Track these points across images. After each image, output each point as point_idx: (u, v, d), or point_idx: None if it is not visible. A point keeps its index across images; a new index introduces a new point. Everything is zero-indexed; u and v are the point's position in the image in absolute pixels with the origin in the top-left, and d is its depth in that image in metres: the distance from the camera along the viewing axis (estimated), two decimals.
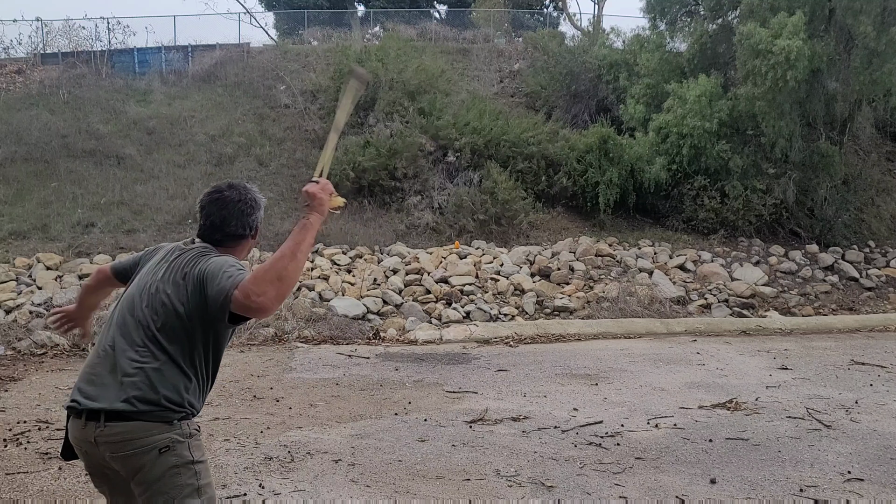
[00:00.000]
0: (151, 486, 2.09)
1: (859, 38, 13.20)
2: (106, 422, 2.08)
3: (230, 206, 2.35)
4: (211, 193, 2.39)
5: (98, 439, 2.09)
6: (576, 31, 23.37)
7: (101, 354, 2.20)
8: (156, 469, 2.08)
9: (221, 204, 2.35)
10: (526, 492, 4.15)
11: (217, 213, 2.34)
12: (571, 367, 7.79)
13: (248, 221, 2.38)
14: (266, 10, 29.29)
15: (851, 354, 8.69)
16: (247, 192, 2.41)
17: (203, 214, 2.37)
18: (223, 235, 2.34)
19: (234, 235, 2.36)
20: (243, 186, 2.42)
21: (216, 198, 2.37)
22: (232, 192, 2.38)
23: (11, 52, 20.25)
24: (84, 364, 2.25)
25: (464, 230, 13.47)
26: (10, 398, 6.26)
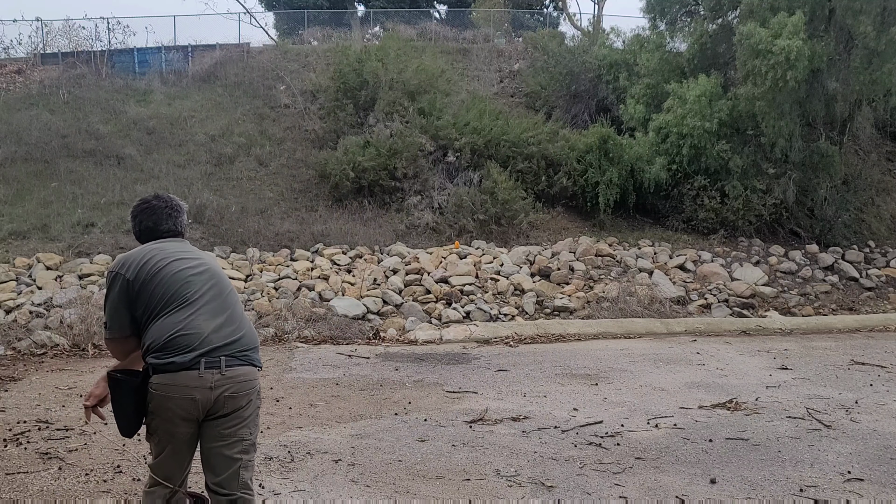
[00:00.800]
0: (243, 420, 2.79)
1: (859, 38, 13.20)
2: (227, 366, 2.73)
3: (178, 210, 3.08)
4: (139, 204, 3.05)
5: (216, 383, 2.70)
6: (576, 31, 23.38)
7: (199, 312, 2.77)
8: (250, 407, 2.82)
9: (168, 211, 3.05)
10: (526, 492, 4.15)
11: (175, 218, 3.05)
12: (571, 367, 7.79)
13: (182, 221, 3.05)
14: (266, 10, 29.31)
15: (851, 354, 8.69)
16: (171, 199, 3.04)
17: (159, 218, 3.01)
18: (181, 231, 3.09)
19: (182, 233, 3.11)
20: (167, 196, 3.07)
21: (161, 205, 3.01)
22: (159, 202, 3.02)
23: (11, 52, 20.28)
24: (179, 331, 2.71)
25: (464, 230, 13.47)
26: (10, 398, 6.26)
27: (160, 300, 2.74)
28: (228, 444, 2.76)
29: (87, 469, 4.40)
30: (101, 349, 8.36)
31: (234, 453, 2.77)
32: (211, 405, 2.71)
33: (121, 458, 4.59)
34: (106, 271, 2.87)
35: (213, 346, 2.72)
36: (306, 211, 13.80)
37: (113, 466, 4.44)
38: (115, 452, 4.72)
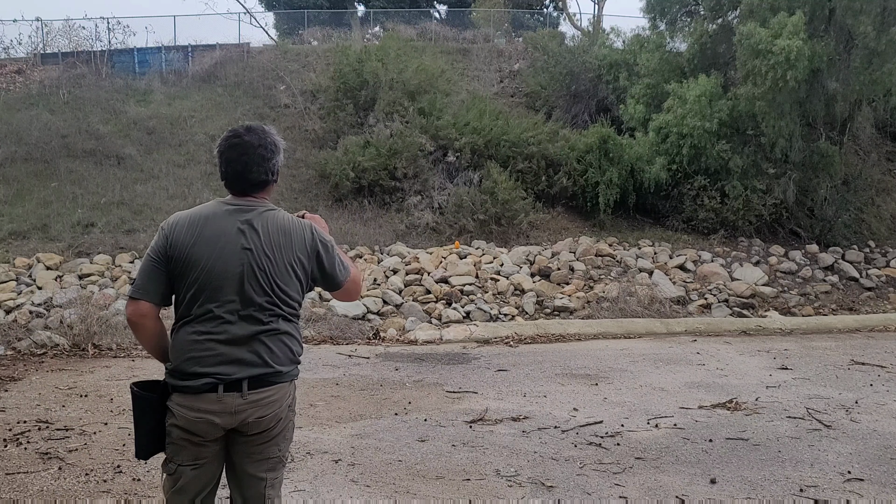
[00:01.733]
0: (272, 439, 2.44)
1: (859, 38, 13.21)
2: (250, 388, 2.33)
3: (250, 152, 2.35)
4: (230, 138, 2.38)
5: (238, 408, 2.32)
6: (576, 31, 23.39)
7: (238, 332, 2.34)
8: (281, 424, 2.45)
9: (241, 150, 2.35)
10: (526, 492, 4.14)
11: (238, 160, 2.35)
12: (571, 367, 7.78)
13: (269, 166, 2.40)
14: (266, 10, 29.33)
15: (851, 354, 8.69)
16: (266, 136, 2.39)
17: (223, 161, 2.38)
18: (248, 185, 2.38)
19: (258, 183, 2.40)
20: (262, 129, 2.41)
21: (235, 143, 2.36)
22: (251, 137, 2.37)
23: (11, 52, 20.30)
24: (199, 343, 2.32)
25: (464, 230, 13.47)
26: (10, 398, 6.26)
27: (189, 290, 2.33)
28: (254, 461, 2.45)
29: (87, 469, 4.40)
30: (102, 349, 8.36)
31: (260, 472, 2.46)
32: (235, 426, 2.37)
33: (121, 458, 4.59)
34: None
35: (233, 365, 2.34)
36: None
37: (113, 466, 4.44)
38: (115, 452, 4.72)
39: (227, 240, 2.32)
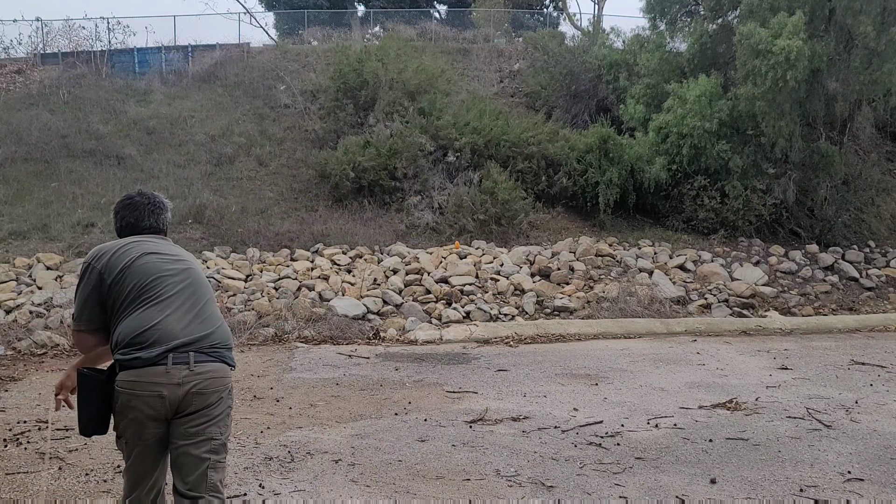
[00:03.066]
0: (212, 419, 2.69)
1: (859, 38, 13.21)
2: (196, 361, 2.65)
3: (162, 207, 3.07)
4: (135, 199, 3.02)
5: (185, 379, 2.62)
6: (576, 31, 23.39)
7: (170, 307, 2.71)
8: (220, 406, 2.72)
9: (151, 208, 3.04)
10: (526, 492, 4.15)
11: (156, 215, 3.03)
12: (571, 367, 7.79)
13: (166, 218, 3.03)
14: (266, 10, 29.32)
15: (851, 354, 8.69)
16: (155, 197, 3.03)
17: (139, 215, 2.99)
18: (164, 229, 3.07)
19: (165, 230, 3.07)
20: (151, 193, 3.07)
21: (143, 202, 3.01)
22: (142, 198, 3.01)
23: (11, 52, 20.30)
24: (147, 327, 2.65)
25: (464, 230, 13.47)
26: (10, 398, 6.26)
27: (131, 294, 2.67)
28: (196, 442, 2.65)
29: (87, 469, 4.41)
30: None
31: (202, 452, 2.65)
32: (179, 402, 2.61)
33: (121, 458, 4.59)
34: (82, 262, 2.88)
35: (182, 342, 2.63)
36: (306, 211, 13.80)
37: (113, 466, 4.44)
38: (115, 452, 4.71)
39: None
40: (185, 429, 2.65)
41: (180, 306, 2.69)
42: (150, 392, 2.58)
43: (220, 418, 2.71)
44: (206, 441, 2.66)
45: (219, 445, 2.70)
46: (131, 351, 2.60)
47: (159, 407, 2.60)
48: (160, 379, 2.59)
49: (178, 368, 2.60)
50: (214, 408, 2.69)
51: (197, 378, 2.63)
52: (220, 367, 2.72)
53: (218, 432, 2.70)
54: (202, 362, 2.65)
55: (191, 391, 2.62)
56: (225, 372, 2.74)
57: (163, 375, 2.59)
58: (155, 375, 2.58)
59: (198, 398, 2.63)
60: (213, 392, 2.67)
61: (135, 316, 2.64)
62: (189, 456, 2.64)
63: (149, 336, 2.61)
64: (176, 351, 2.61)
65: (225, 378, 2.74)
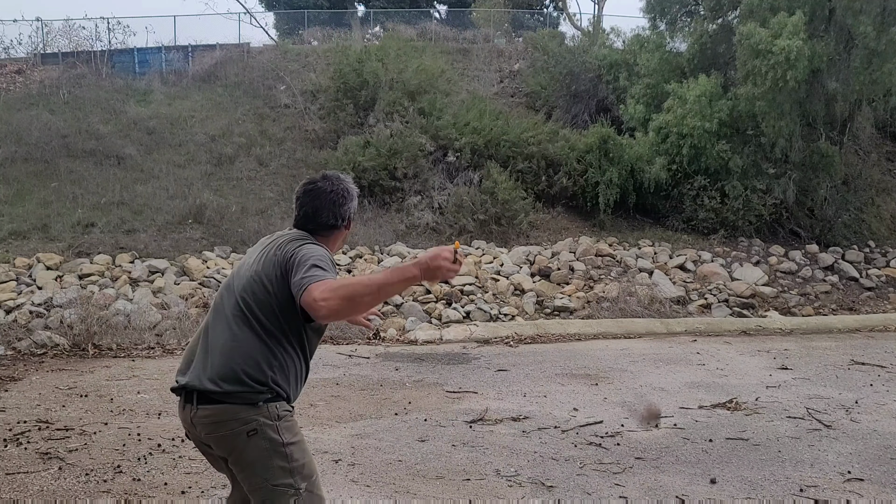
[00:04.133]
0: (245, 468, 2.21)
1: (859, 38, 13.21)
2: (198, 404, 2.19)
3: (322, 197, 2.42)
4: (306, 184, 2.48)
5: (194, 420, 2.22)
6: (576, 31, 23.39)
7: (198, 337, 2.33)
8: (248, 452, 2.18)
9: (315, 194, 2.43)
10: (526, 492, 4.14)
11: (310, 204, 2.42)
12: (571, 367, 7.78)
13: (341, 212, 2.44)
14: (266, 10, 29.31)
15: (851, 354, 8.68)
16: (339, 183, 2.46)
17: (297, 205, 2.46)
18: (315, 225, 2.42)
19: (327, 225, 2.43)
20: (336, 177, 2.49)
21: (310, 189, 2.45)
22: (325, 183, 2.45)
23: (11, 52, 20.28)
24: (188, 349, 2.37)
25: (464, 230, 13.47)
26: (10, 398, 6.26)
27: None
28: (248, 491, 2.28)
29: (87, 469, 4.40)
30: (102, 349, 8.36)
31: (256, 502, 2.27)
32: (207, 446, 2.27)
33: (121, 458, 4.59)
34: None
35: (193, 374, 2.26)
36: None
37: (113, 466, 4.44)
38: (115, 452, 4.72)
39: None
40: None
41: (221, 322, 2.29)
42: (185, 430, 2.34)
43: (252, 467, 2.21)
44: (255, 492, 2.24)
45: (268, 493, 2.20)
46: None
47: (196, 445, 2.37)
48: (183, 416, 2.29)
49: (189, 408, 2.24)
50: (239, 454, 2.21)
51: (202, 422, 2.22)
52: (223, 410, 2.19)
53: (257, 483, 2.21)
54: (206, 404, 2.20)
55: (206, 435, 2.24)
56: (229, 414, 2.18)
57: (181, 412, 2.29)
58: (181, 411, 2.30)
59: (218, 443, 2.24)
60: (221, 438, 2.21)
61: None
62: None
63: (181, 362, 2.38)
64: (186, 388, 2.26)
65: (232, 421, 2.19)
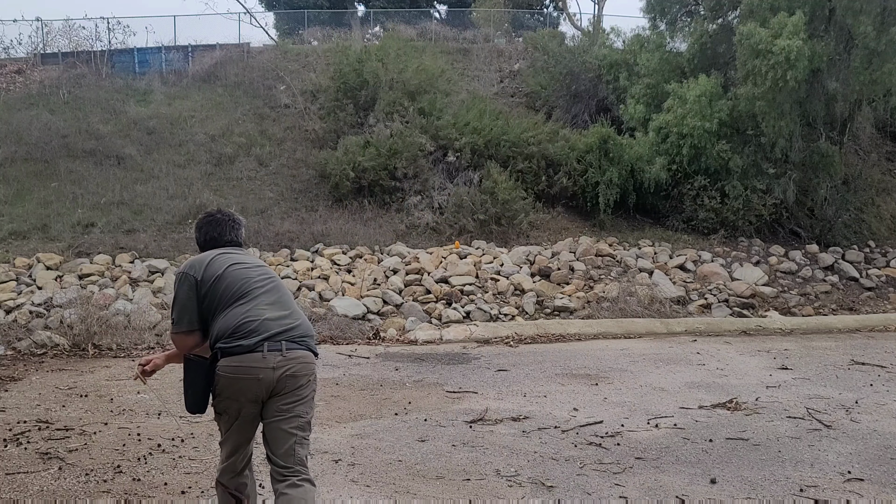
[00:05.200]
0: (301, 400, 3.05)
1: (859, 38, 13.20)
2: (290, 349, 3.02)
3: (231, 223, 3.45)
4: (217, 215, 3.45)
5: (279, 363, 2.97)
6: (576, 31, 23.38)
7: (272, 314, 3.08)
8: (308, 388, 3.09)
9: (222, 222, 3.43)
10: (526, 492, 4.14)
11: (235, 230, 3.47)
12: (571, 367, 7.79)
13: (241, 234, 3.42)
14: (266, 10, 29.30)
15: (851, 354, 8.69)
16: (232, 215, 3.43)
17: (219, 230, 3.38)
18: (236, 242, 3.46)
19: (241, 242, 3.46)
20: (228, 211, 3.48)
21: (219, 218, 3.42)
22: (222, 215, 3.42)
23: (11, 52, 20.28)
24: (245, 319, 3.01)
25: (464, 230, 13.47)
26: (10, 398, 6.26)
27: (225, 296, 3.05)
28: (286, 418, 3.01)
29: (87, 469, 4.40)
30: (101, 349, 8.36)
31: (291, 428, 3.00)
32: (274, 384, 2.97)
33: (121, 458, 4.59)
34: (175, 273, 3.45)
35: (275, 332, 3.01)
36: (306, 211, 13.80)
37: (113, 466, 4.44)
38: (115, 452, 4.72)
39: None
40: (278, 406, 3.01)
41: (271, 303, 3.09)
42: (249, 375, 2.94)
43: (307, 399, 3.08)
44: (295, 418, 3.02)
45: (304, 423, 3.06)
46: (233, 339, 2.96)
47: (256, 388, 2.96)
48: (258, 364, 2.95)
49: (273, 354, 2.97)
50: (303, 389, 3.05)
51: (289, 363, 3.00)
52: (307, 354, 3.10)
53: (304, 411, 3.06)
54: (293, 349, 3.03)
55: (284, 374, 2.98)
56: (311, 358, 3.12)
57: (260, 361, 2.95)
58: (254, 361, 2.95)
59: (290, 380, 3.00)
60: (302, 375, 3.04)
61: (232, 312, 3.02)
62: (280, 430, 3.00)
63: (246, 327, 2.99)
64: (271, 339, 2.99)
65: (311, 364, 3.11)
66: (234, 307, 3.04)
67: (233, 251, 3.28)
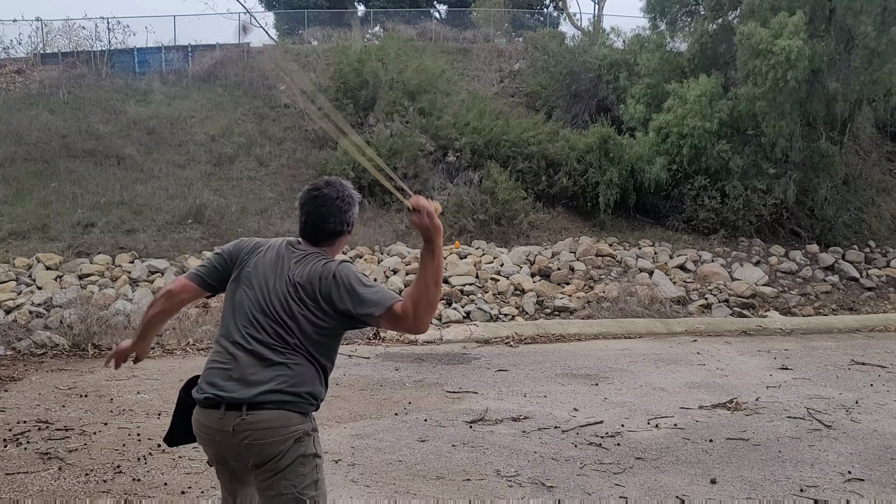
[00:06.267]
0: (279, 472, 2.27)
1: (859, 38, 13.20)
2: (248, 411, 2.24)
3: (329, 204, 2.44)
4: (310, 191, 2.49)
5: (237, 428, 2.24)
6: (576, 31, 23.38)
7: (234, 351, 2.34)
8: (287, 457, 2.27)
9: (321, 202, 2.44)
10: (526, 492, 4.14)
11: (317, 212, 2.44)
12: (571, 367, 7.78)
13: (345, 218, 2.47)
14: (266, 10, 29.32)
15: (852, 354, 8.68)
16: (343, 189, 2.49)
17: (303, 212, 2.47)
18: (322, 233, 2.45)
19: (333, 232, 2.46)
20: (340, 183, 2.51)
21: (315, 195, 2.46)
22: (330, 190, 2.47)
23: (11, 52, 20.30)
24: (211, 359, 2.38)
25: (464, 230, 13.47)
26: (10, 398, 6.26)
27: (224, 311, 2.46)
28: (269, 496, 2.31)
29: (87, 469, 4.40)
30: (101, 349, 8.35)
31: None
32: (237, 453, 2.29)
33: (121, 458, 4.59)
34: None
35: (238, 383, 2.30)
36: None
37: (113, 466, 4.44)
38: (115, 452, 4.72)
39: (274, 271, 2.42)
40: (257, 481, 2.34)
41: (252, 338, 2.36)
42: (204, 437, 2.35)
43: (289, 470, 2.28)
44: (278, 496, 2.28)
45: (292, 500, 2.28)
46: (201, 382, 2.38)
47: (217, 454, 2.37)
48: (212, 424, 2.30)
49: (230, 415, 2.26)
50: (278, 460, 2.27)
51: (249, 428, 2.26)
52: (278, 416, 2.27)
53: (289, 485, 2.28)
54: (257, 410, 2.26)
55: (245, 443, 2.26)
56: (283, 421, 2.27)
57: (216, 421, 2.29)
58: (210, 419, 2.31)
59: (254, 450, 2.27)
60: (269, 444, 2.26)
61: (215, 342, 2.45)
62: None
63: (208, 369, 2.37)
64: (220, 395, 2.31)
65: (284, 427, 2.27)
66: (218, 335, 2.42)
67: (295, 250, 2.44)
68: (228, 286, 2.46)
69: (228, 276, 2.47)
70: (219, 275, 2.50)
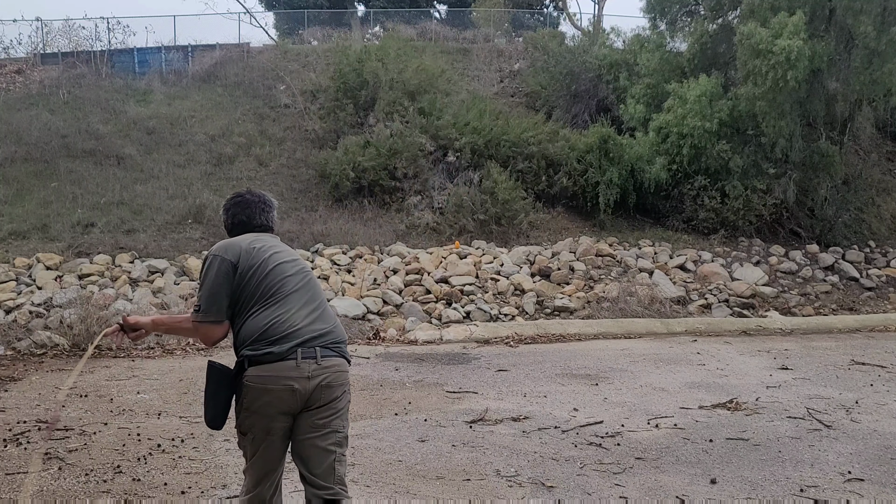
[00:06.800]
0: (338, 412, 2.78)
1: (859, 38, 13.20)
2: (324, 357, 2.73)
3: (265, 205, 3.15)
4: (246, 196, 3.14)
5: (314, 372, 2.69)
6: (576, 31, 23.38)
7: (305, 316, 2.78)
8: (344, 399, 2.82)
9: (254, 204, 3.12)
10: (526, 492, 4.14)
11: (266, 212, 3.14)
12: (571, 367, 7.78)
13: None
14: (266, 10, 29.33)
15: (852, 354, 8.69)
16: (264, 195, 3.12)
17: (249, 213, 3.07)
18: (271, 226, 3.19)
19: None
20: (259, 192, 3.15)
21: (249, 200, 3.11)
22: (253, 196, 3.11)
23: (11, 52, 20.30)
24: (275, 323, 2.71)
25: (464, 230, 13.47)
26: (10, 398, 6.26)
27: (258, 291, 2.74)
28: (322, 434, 2.73)
29: (87, 469, 4.40)
30: (101, 349, 8.35)
31: (328, 445, 2.74)
32: (308, 396, 2.69)
33: (121, 458, 4.59)
34: (205, 255, 2.88)
35: (308, 337, 2.72)
36: (306, 211, 13.80)
37: (113, 466, 4.44)
38: (115, 452, 4.72)
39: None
40: (313, 421, 2.72)
41: (303, 305, 2.78)
42: (282, 386, 2.65)
43: (343, 411, 2.81)
44: (332, 433, 2.75)
45: (342, 438, 2.79)
46: (262, 346, 2.66)
47: (290, 400, 2.67)
48: (291, 373, 2.66)
49: (307, 363, 2.68)
50: (339, 401, 2.78)
51: (325, 372, 2.72)
52: (342, 362, 2.81)
53: (342, 425, 2.79)
54: (328, 357, 2.74)
55: (319, 384, 2.70)
56: (346, 366, 2.83)
57: (294, 370, 2.66)
58: (286, 370, 2.66)
59: (325, 391, 2.72)
60: (338, 385, 2.76)
61: (260, 314, 2.71)
62: (316, 448, 2.73)
63: (277, 331, 2.68)
64: (304, 346, 2.69)
65: (346, 373, 2.83)
66: (265, 307, 2.72)
67: (266, 238, 2.95)
68: (250, 283, 2.76)
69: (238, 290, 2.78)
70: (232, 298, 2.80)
